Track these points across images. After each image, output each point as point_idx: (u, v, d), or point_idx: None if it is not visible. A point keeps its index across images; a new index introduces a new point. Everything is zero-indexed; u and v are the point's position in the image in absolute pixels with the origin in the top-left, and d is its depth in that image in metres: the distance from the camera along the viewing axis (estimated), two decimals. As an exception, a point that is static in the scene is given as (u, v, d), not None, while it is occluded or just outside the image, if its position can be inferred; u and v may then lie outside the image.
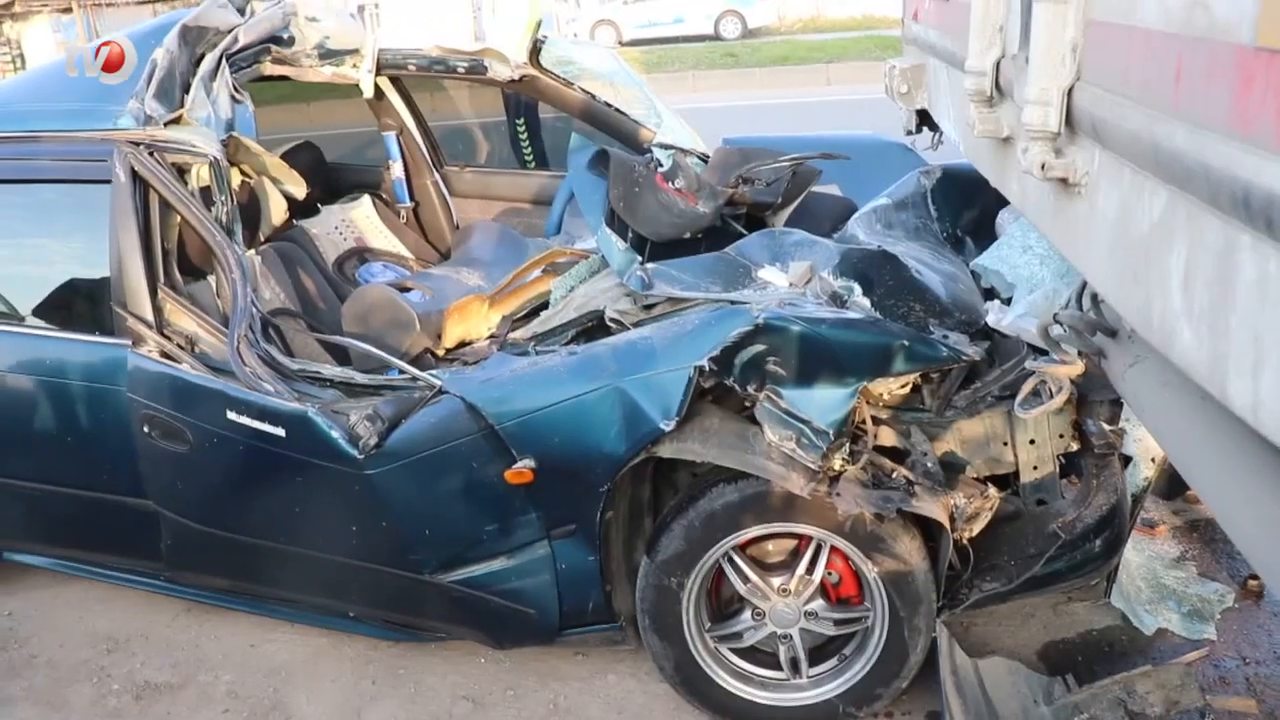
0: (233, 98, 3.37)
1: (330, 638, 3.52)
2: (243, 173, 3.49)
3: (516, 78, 4.25)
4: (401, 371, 3.01)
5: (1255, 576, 3.35)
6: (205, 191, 3.13)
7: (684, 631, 2.90)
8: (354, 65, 4.20)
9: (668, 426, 2.61)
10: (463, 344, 3.56)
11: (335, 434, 2.81)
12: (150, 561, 3.44)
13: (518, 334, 3.31)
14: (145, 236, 3.10)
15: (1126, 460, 2.82)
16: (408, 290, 3.94)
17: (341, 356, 3.52)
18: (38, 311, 3.39)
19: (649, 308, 3.00)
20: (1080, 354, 2.14)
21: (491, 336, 3.54)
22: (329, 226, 4.49)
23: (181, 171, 3.13)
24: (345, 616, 3.34)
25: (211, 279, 3.26)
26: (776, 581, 2.86)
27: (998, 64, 2.04)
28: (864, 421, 2.69)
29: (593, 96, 4.27)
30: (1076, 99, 1.54)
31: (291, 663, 3.45)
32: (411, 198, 4.89)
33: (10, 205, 3.41)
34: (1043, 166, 1.59)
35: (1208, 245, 1.12)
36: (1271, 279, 0.99)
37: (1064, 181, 1.60)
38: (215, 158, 3.12)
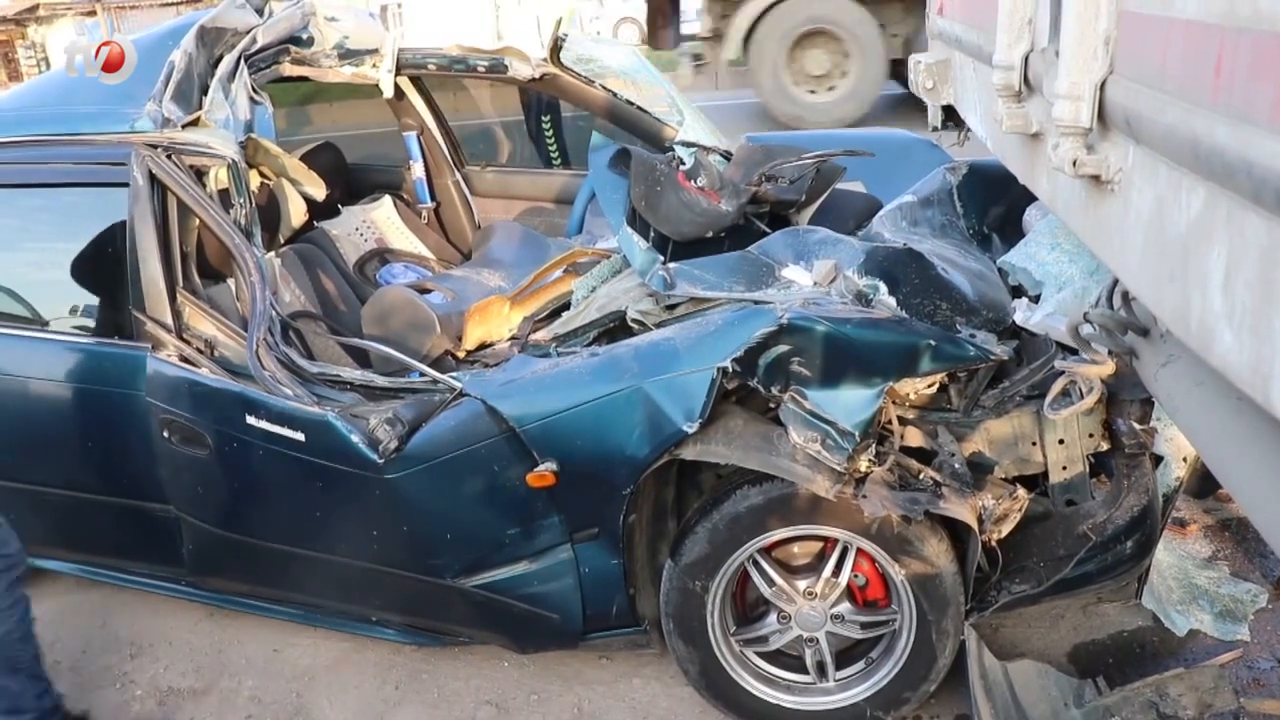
0: (251, 99, 3.37)
1: (353, 642, 3.50)
2: (262, 174, 3.48)
3: (537, 76, 4.22)
4: (422, 374, 2.98)
5: (1290, 576, 3.30)
6: (224, 194, 3.12)
7: (709, 635, 2.88)
8: (374, 65, 4.18)
9: (691, 428, 2.58)
10: (483, 346, 3.53)
11: (355, 438, 2.79)
12: (172, 566, 3.43)
13: (539, 335, 3.28)
14: (164, 240, 3.09)
15: (1158, 460, 2.77)
16: (428, 291, 3.92)
17: (362, 359, 3.50)
18: (56, 316, 3.38)
19: (671, 308, 2.96)
20: (1111, 353, 2.09)
21: (513, 338, 3.52)
22: (349, 228, 4.48)
23: (200, 174, 3.11)
24: (368, 621, 3.32)
25: (231, 282, 3.25)
26: (802, 584, 2.83)
27: (1026, 58, 2.00)
28: (890, 422, 2.66)
29: (614, 94, 4.24)
30: (1109, 93, 1.50)
31: (314, 668, 3.44)
32: (433, 198, 4.87)
33: (28, 209, 3.41)
34: (1074, 163, 1.55)
35: (1250, 244, 1.08)
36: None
37: (1096, 178, 1.56)
38: (233, 160, 3.11)
